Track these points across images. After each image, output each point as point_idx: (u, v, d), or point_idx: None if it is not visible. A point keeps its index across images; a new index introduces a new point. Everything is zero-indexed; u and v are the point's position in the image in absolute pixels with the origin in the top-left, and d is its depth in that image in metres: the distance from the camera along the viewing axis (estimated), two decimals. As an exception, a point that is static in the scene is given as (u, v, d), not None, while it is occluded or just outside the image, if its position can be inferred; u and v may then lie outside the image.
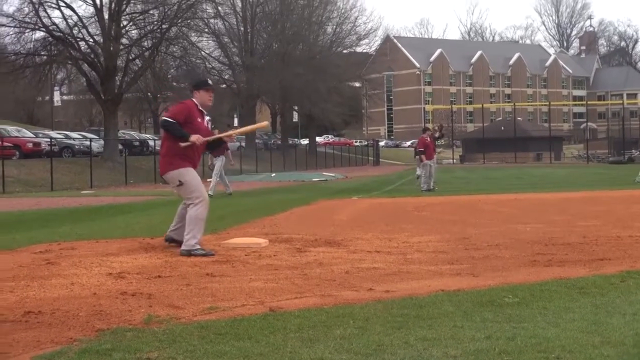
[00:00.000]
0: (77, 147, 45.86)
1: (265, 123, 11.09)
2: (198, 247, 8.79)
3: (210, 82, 9.62)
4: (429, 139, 25.77)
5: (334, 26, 78.80)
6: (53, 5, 44.41)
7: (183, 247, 8.79)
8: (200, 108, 9.16)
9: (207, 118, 9.31)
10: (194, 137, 8.83)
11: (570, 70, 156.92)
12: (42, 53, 45.37)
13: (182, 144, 8.85)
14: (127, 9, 46.52)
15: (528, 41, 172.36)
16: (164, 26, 46.80)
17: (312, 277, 7.15)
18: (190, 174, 9.00)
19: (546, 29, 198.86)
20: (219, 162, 23.34)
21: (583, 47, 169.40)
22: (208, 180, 22.99)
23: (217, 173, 23.35)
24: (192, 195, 8.98)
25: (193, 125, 8.95)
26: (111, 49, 44.74)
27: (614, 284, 6.68)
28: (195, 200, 8.95)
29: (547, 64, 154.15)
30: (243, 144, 65.72)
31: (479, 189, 25.39)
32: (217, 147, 10.03)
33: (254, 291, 6.42)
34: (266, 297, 6.19)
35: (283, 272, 7.45)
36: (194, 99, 9.16)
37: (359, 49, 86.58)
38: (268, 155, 58.98)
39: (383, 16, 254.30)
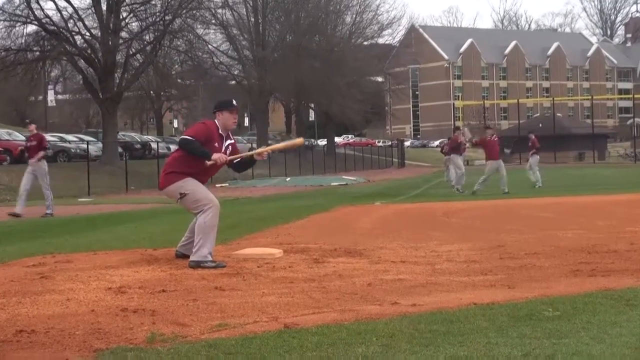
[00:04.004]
0: (73, 150, 46.10)
1: (300, 140, 10.91)
2: (209, 258, 8.81)
3: (234, 102, 9.54)
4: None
5: (354, 15, 78.81)
6: (46, -4, 44.81)
7: (192, 258, 8.81)
8: (221, 132, 9.16)
9: (227, 143, 9.22)
10: (216, 156, 8.87)
11: (615, 61, 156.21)
12: (35, 49, 45.70)
13: (208, 163, 8.91)
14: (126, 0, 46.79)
15: (568, 29, 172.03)
16: (167, 17, 47.00)
17: (331, 291, 7.15)
18: (190, 183, 9.00)
19: (587, 15, 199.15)
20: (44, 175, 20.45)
21: (629, 35, 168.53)
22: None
23: (47, 184, 20.50)
24: (199, 204, 8.99)
25: (209, 149, 8.97)
26: (110, 43, 44.99)
27: (666, 295, 6.63)
28: (205, 207, 8.96)
29: (589, 54, 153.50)
30: (254, 145, 65.82)
31: (514, 192, 25.29)
32: (246, 166, 9.88)
33: (267, 306, 6.43)
34: (280, 312, 6.19)
35: (299, 285, 7.46)
36: (215, 121, 9.19)
37: (381, 40, 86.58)
38: (282, 158, 59.00)
39: (407, 3, 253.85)
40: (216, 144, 9.07)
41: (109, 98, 45.48)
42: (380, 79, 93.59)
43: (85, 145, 42.59)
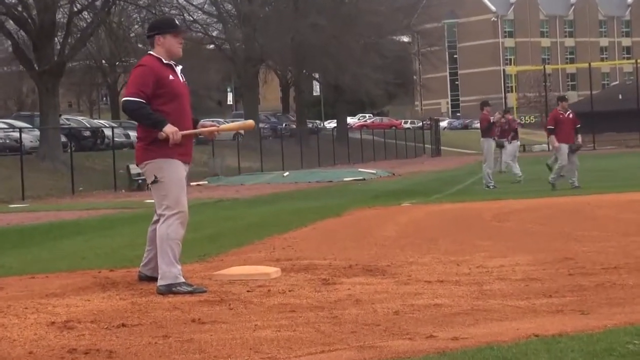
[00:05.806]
0: (1, 141, 46.13)
1: (250, 122, 11.05)
2: (182, 280, 8.81)
3: (177, 22, 9.81)
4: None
5: (370, -45, 78.77)
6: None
7: (160, 282, 8.81)
8: (167, 61, 9.15)
9: (179, 68, 9.32)
10: (170, 130, 8.81)
11: None
12: (-52, 7, 45.70)
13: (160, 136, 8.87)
14: (68, -60, 46.76)
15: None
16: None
17: (345, 321, 7.16)
18: (171, 170, 9.01)
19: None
20: None
21: None
22: None
23: None
24: (164, 202, 8.99)
25: (168, 89, 9.00)
26: (47, -3, 44.97)
27: None
28: (168, 210, 8.95)
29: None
30: (241, 131, 65.72)
31: (587, 186, 25.31)
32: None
33: (261, 343, 6.44)
34: (279, 351, 6.20)
35: (303, 315, 7.48)
36: (153, 53, 9.19)
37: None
38: (278, 146, 59.03)
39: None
40: (171, 77, 9.08)
41: (48, 70, 45.44)
42: (406, 39, 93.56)
43: (17, 134, 42.60)
